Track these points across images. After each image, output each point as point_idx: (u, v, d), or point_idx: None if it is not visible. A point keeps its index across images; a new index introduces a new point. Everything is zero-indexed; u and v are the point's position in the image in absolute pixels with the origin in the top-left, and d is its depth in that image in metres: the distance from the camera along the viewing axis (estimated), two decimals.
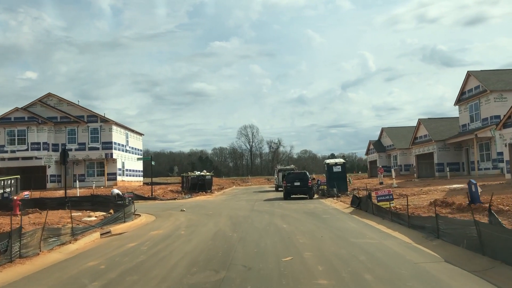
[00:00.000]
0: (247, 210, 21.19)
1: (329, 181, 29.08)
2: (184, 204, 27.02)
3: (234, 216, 18.00)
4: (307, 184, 28.31)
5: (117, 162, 43.73)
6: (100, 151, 42.43)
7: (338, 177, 28.93)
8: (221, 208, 23.09)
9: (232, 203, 27.28)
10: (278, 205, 23.48)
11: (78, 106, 43.73)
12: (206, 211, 21.46)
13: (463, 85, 36.27)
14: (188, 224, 15.84)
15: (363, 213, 17.42)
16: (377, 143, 60.15)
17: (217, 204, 26.74)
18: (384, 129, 58.50)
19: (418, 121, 41.75)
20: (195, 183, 41.27)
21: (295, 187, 28.28)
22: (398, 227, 12.88)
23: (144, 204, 30.26)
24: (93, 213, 20.28)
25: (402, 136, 55.10)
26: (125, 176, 46.39)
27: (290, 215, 17.80)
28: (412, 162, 51.61)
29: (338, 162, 29.44)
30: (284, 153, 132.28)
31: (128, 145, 47.53)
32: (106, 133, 42.66)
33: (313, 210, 19.98)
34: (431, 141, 38.85)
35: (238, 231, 13.21)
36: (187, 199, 34.39)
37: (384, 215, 15.23)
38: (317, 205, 23.39)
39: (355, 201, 20.55)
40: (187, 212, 21.29)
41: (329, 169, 29.32)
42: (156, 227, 15.51)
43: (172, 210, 22.80)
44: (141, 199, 33.03)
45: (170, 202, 30.86)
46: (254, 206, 23.30)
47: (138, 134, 52.65)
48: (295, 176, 28.97)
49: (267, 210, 20.83)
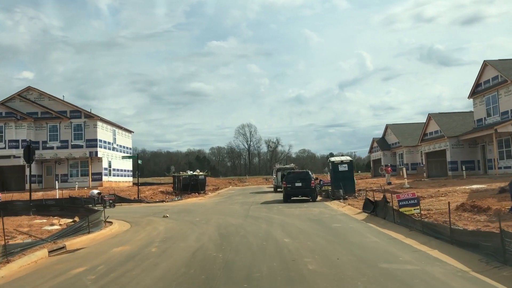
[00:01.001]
0: (240, 216, 18.01)
1: (334, 182, 25.92)
2: (171, 208, 23.85)
3: (224, 225, 14.82)
4: (309, 184, 25.16)
5: (103, 161, 40.48)
6: (84, 149, 39.17)
7: (344, 177, 25.77)
8: (211, 213, 19.91)
9: (225, 206, 24.11)
10: (277, 210, 20.31)
11: (60, 100, 40.47)
12: (193, 217, 18.28)
13: (479, 76, 33.12)
14: (165, 237, 12.66)
15: (381, 221, 14.29)
16: (381, 140, 57.03)
17: (208, 208, 23.57)
18: (388, 126, 55.37)
19: (428, 116, 38.60)
20: (187, 183, 38.13)
21: (296, 188, 25.12)
22: (435, 243, 9.74)
23: (127, 207, 27.09)
24: (57, 220, 17.06)
25: (408, 133, 52.02)
26: (112, 176, 43.14)
27: (292, 224, 14.64)
28: (419, 160, 48.55)
29: (344, 160, 26.27)
30: (282, 152, 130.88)
31: (115, 143, 44.28)
32: (90, 129, 39.39)
33: (319, 216, 16.82)
34: (443, 138, 35.72)
35: (225, 250, 10.03)
36: (177, 201, 31.21)
37: (411, 225, 12.09)
38: (322, 209, 20.24)
39: (368, 206, 17.40)
40: (170, 218, 18.11)
41: (334, 168, 26.16)
42: (124, 241, 12.33)
43: (154, 215, 19.63)
44: (126, 202, 29.89)
45: (156, 205, 27.68)
46: (249, 211, 20.13)
47: (127, 132, 49.40)
48: (296, 176, 25.81)
49: (264, 216, 17.66)
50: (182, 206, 25.88)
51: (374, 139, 58.60)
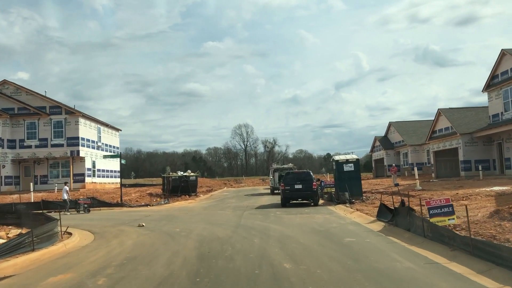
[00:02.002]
0: (230, 225, 14.98)
1: (339, 183, 22.94)
2: (153, 214, 20.83)
3: (208, 239, 11.80)
4: (311, 187, 22.16)
5: (86, 161, 37.33)
6: (64, 148, 36.01)
7: (350, 178, 22.79)
8: (196, 221, 16.88)
9: (215, 212, 21.09)
10: (275, 217, 17.29)
11: (39, 95, 37.30)
12: (173, 226, 15.26)
13: (495, 67, 30.21)
14: (127, 258, 9.64)
15: (405, 234, 11.33)
16: (383, 139, 54.12)
17: (195, 213, 20.53)
18: (392, 124, 52.44)
19: (438, 111, 35.65)
20: (176, 185, 35.04)
21: (296, 190, 22.13)
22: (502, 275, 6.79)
23: (105, 212, 24.06)
24: (5, 232, 14.01)
25: (412, 131, 49.16)
26: (97, 177, 40.01)
27: (293, 238, 11.63)
28: (425, 160, 45.67)
29: (350, 159, 23.27)
30: (279, 153, 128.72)
31: (100, 142, 41.11)
32: (71, 126, 36.23)
33: (326, 226, 13.82)
34: (455, 135, 32.80)
35: (201, 283, 7.03)
36: (163, 205, 28.15)
37: (451, 242, 9.11)
38: (327, 216, 17.24)
39: (384, 213, 14.44)
40: (145, 228, 15.08)
41: (339, 167, 23.19)
42: (71, 264, 9.31)
43: (128, 224, 16.59)
44: (106, 206, 26.80)
45: (138, 210, 24.63)
46: (242, 218, 17.10)
47: (114, 130, 46.24)
48: (295, 177, 22.81)
49: (259, 226, 14.65)
50: (167, 211, 22.85)
51: (376, 137, 55.68)
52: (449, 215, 10.99)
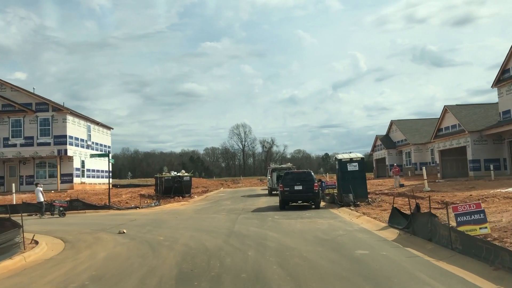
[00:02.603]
0: (222, 233, 13.17)
1: (342, 184, 21.15)
2: (139, 218, 19.04)
3: (194, 252, 10.00)
4: (312, 188, 20.37)
5: (74, 161, 35.45)
6: (51, 147, 34.14)
7: (354, 178, 21.02)
8: (184, 227, 15.07)
9: (207, 216, 19.28)
10: (273, 222, 15.50)
11: (24, 91, 35.41)
12: (158, 233, 13.46)
13: (506, 60, 28.50)
14: (91, 276, 7.84)
15: (427, 245, 9.59)
16: (385, 138, 52.39)
17: (185, 217, 18.73)
18: (394, 122, 50.71)
19: (444, 108, 33.89)
20: (169, 186, 33.27)
21: (296, 192, 20.34)
22: None
23: (89, 216, 22.26)
24: None
25: (415, 129, 47.45)
26: (86, 178, 38.14)
27: (294, 249, 9.84)
28: (429, 159, 43.98)
29: (354, 157, 21.49)
30: (277, 152, 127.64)
31: (90, 140, 39.23)
32: (59, 124, 34.35)
33: (331, 234, 12.04)
34: (463, 133, 31.06)
35: None
36: (153, 207, 26.36)
37: (492, 258, 7.31)
38: (331, 221, 15.46)
39: (398, 219, 12.69)
40: (126, 235, 13.29)
41: (342, 167, 21.41)
42: (22, 286, 7.51)
43: (108, 230, 14.78)
44: (92, 208, 25.00)
45: (125, 213, 22.84)
46: (236, 224, 15.29)
47: (105, 128, 44.35)
48: (295, 177, 21.02)
49: (255, 233, 12.86)
50: (155, 214, 21.04)
51: (378, 136, 53.94)
52: (480, 223, 9.27)
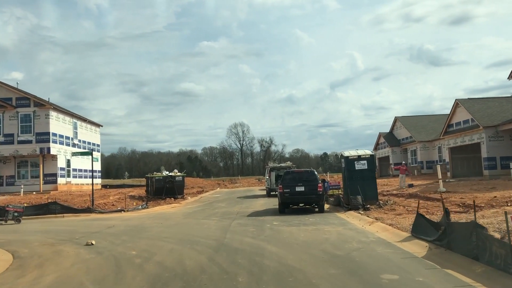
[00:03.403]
0: (209, 245, 10.80)
1: (349, 184, 18.78)
2: (119, 224, 16.69)
3: (168, 274, 7.64)
4: (316, 189, 17.99)
5: (59, 160, 33.06)
6: (33, 145, 31.75)
7: (363, 178, 18.66)
8: (167, 236, 12.71)
9: (196, 221, 16.89)
10: (271, 231, 13.13)
11: (4, 85, 32.96)
12: (132, 245, 11.10)
13: None
14: None
15: (475, 267, 7.28)
16: (388, 135, 50.08)
17: (171, 223, 16.35)
18: (398, 119, 48.38)
19: (455, 102, 31.55)
20: (161, 186, 30.93)
21: (297, 194, 17.98)
22: None
23: (64, 221, 19.91)
24: None
25: (421, 126, 45.15)
26: (73, 178, 35.75)
27: (299, 272, 7.49)
28: (437, 157, 41.67)
29: (363, 154, 19.12)
30: (276, 152, 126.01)
31: (76, 138, 36.82)
32: (41, 120, 31.97)
33: (345, 249, 9.68)
34: (477, 128, 28.73)
35: None
36: (140, 210, 24.00)
37: None
38: (339, 228, 13.11)
39: (424, 227, 10.34)
40: (92, 248, 10.92)
41: (349, 165, 19.04)
42: None
43: (76, 241, 12.42)
44: (71, 212, 22.60)
45: (107, 218, 20.47)
46: (227, 233, 12.91)
47: (93, 125, 41.89)
48: (296, 177, 18.64)
49: (249, 247, 10.49)
50: (139, 219, 18.67)
51: (381, 134, 51.63)
52: None
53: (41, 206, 22.04)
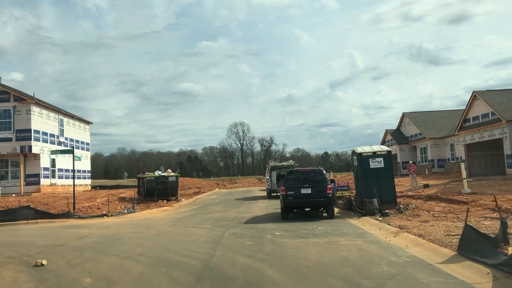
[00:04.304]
0: (190, 270, 8.15)
1: (364, 185, 16.18)
2: (92, 234, 14.11)
3: None
4: (325, 191, 15.35)
5: (42, 159, 30.44)
6: (13, 143, 29.17)
7: (379, 178, 16.09)
8: (141, 252, 10.09)
9: (184, 230, 14.26)
10: (272, 245, 10.51)
11: None
12: (91, 267, 8.50)
13: None
14: None
15: None
16: (396, 132, 47.44)
17: (153, 233, 13.73)
18: (406, 115, 45.72)
19: (473, 94, 28.89)
20: (152, 187, 28.41)
21: (303, 197, 15.35)
22: None
23: (35, 228, 17.33)
24: None
25: (431, 122, 42.51)
26: (58, 179, 33.14)
27: None
28: (449, 155, 39.05)
29: (378, 151, 16.50)
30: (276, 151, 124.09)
31: (63, 136, 34.20)
32: (22, 117, 29.38)
33: (376, 278, 7.02)
34: (498, 122, 26.11)
35: None
36: (125, 215, 21.42)
37: None
38: (359, 241, 10.50)
39: (479, 245, 7.74)
40: (39, 271, 8.34)
41: (363, 163, 16.44)
42: None
43: (28, 257, 9.83)
44: (46, 217, 20.02)
45: (84, 225, 17.87)
46: (217, 248, 10.26)
47: (82, 122, 39.25)
48: (301, 177, 15.98)
49: (243, 273, 7.85)
50: (119, 227, 16.07)
51: (387, 131, 48.97)
52: None
53: (10, 211, 19.40)
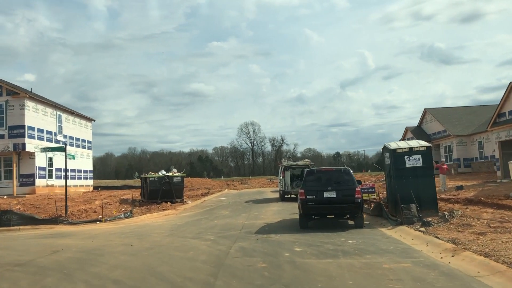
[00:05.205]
0: None
1: (398, 187, 13.49)
2: (72, 246, 11.69)
3: None
4: (353, 195, 12.66)
5: (37, 158, 28.19)
6: (5, 140, 26.97)
7: (417, 178, 13.40)
8: (120, 277, 7.56)
9: (181, 243, 11.69)
10: (293, 269, 7.89)
11: None
12: None
13: None
14: None
15: None
16: (417, 130, 44.49)
17: (145, 246, 11.20)
18: (428, 111, 42.75)
19: (510, 85, 25.96)
20: (156, 189, 25.99)
21: (326, 202, 12.70)
22: None
23: (14, 236, 15.00)
24: None
25: (456, 119, 39.53)
26: (56, 179, 30.88)
27: None
28: (477, 154, 36.06)
29: (416, 146, 13.78)
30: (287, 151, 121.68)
31: (61, 134, 31.95)
32: (15, 112, 27.20)
33: None
34: None
35: None
36: (121, 220, 19.01)
37: None
38: (408, 264, 7.82)
39: None
40: None
41: (396, 161, 13.75)
42: None
43: None
44: (31, 223, 17.70)
45: (71, 232, 15.47)
46: (219, 274, 7.66)
47: (83, 119, 36.97)
48: (323, 178, 13.25)
49: None
50: (107, 236, 13.61)
51: (408, 128, 46.06)
52: None
53: None
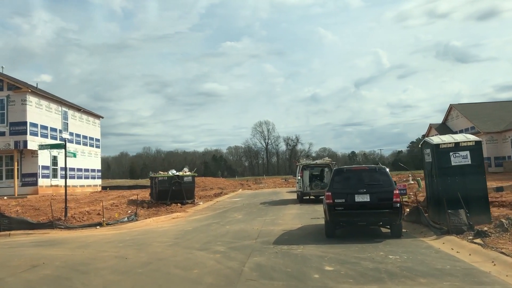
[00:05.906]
0: None
1: (443, 189, 11.38)
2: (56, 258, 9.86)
3: None
4: (390, 198, 10.54)
5: (40, 156, 26.64)
6: (6, 138, 25.49)
7: (465, 179, 11.30)
8: None
9: (184, 256, 9.76)
10: None
11: None
12: None
13: None
14: None
15: None
16: (442, 127, 42.04)
17: (139, 262, 9.32)
18: (454, 107, 40.27)
19: None
20: (165, 189, 24.21)
21: (358, 207, 10.63)
22: None
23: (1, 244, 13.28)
24: None
25: (485, 115, 37.02)
26: (61, 179, 29.28)
27: None
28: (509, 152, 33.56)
29: (463, 141, 11.63)
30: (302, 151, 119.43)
31: (67, 131, 30.38)
32: (16, 107, 25.70)
33: None
34: None
35: None
36: (124, 223, 17.19)
37: None
38: None
39: None
40: None
41: (440, 158, 11.64)
42: None
43: None
44: (25, 228, 16.00)
45: (64, 239, 13.70)
46: None
47: (91, 116, 35.39)
48: (354, 178, 11.15)
49: None
50: (102, 245, 11.78)
51: (432, 125, 43.64)
52: None
53: None
